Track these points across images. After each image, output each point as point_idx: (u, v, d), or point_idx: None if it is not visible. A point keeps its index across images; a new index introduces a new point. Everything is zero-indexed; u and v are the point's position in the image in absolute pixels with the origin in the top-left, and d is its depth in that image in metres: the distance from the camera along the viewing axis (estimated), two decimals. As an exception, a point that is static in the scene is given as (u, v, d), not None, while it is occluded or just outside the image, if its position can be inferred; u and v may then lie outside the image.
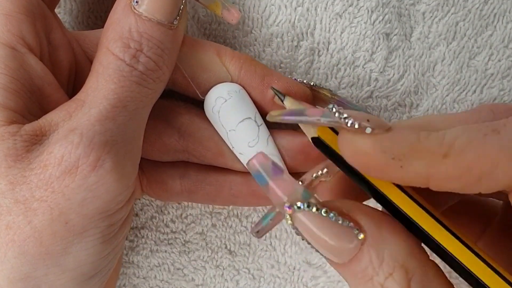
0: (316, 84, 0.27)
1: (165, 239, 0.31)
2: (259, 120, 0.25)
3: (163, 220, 0.31)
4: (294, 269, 0.32)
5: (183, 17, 0.23)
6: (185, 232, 0.31)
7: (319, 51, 0.29)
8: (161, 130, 0.26)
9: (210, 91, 0.25)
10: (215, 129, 0.26)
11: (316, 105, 0.27)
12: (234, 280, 0.32)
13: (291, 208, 0.18)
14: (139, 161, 0.23)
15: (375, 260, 0.18)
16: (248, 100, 0.25)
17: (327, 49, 0.28)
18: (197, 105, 0.27)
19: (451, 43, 0.29)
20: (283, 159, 0.26)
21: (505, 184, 0.17)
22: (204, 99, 0.26)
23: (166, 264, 0.32)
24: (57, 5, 0.26)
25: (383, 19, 0.28)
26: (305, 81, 0.27)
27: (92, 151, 0.20)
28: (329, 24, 0.28)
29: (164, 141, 0.26)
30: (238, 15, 0.25)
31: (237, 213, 0.31)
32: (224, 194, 0.27)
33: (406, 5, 0.29)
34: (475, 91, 0.30)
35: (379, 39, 0.28)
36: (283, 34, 0.28)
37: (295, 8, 0.28)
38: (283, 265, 0.32)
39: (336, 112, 0.18)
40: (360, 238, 0.18)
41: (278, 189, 0.19)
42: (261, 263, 0.32)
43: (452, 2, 0.28)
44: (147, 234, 0.31)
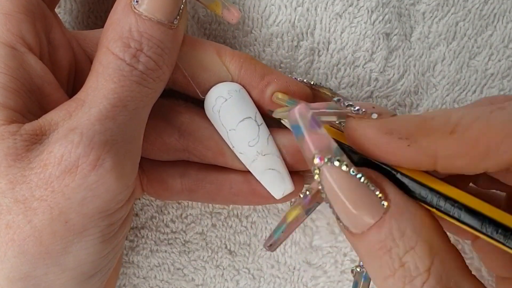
0: (316, 83, 0.27)
1: (165, 239, 0.31)
2: (259, 119, 0.25)
3: (163, 220, 0.31)
4: (294, 269, 0.32)
5: (183, 17, 0.23)
6: (185, 232, 0.31)
7: (319, 51, 0.29)
8: (161, 129, 0.26)
9: (211, 91, 0.25)
10: (215, 128, 0.26)
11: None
12: (234, 280, 0.32)
13: (321, 160, 0.18)
14: (139, 160, 0.23)
15: (396, 232, 0.17)
16: (248, 99, 0.25)
17: (327, 49, 0.28)
18: (197, 105, 0.27)
19: (451, 43, 0.29)
20: (283, 158, 0.26)
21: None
22: (204, 98, 0.26)
23: (166, 264, 0.32)
24: (57, 4, 0.26)
25: (383, 19, 0.28)
26: (305, 80, 0.27)
27: (92, 150, 0.20)
28: (329, 24, 0.28)
29: (164, 140, 0.26)
30: (238, 15, 0.25)
31: (237, 213, 0.31)
32: (225, 193, 0.27)
33: (406, 5, 0.29)
34: (475, 91, 0.30)
35: (379, 39, 0.28)
36: (283, 34, 0.28)
37: (295, 8, 0.28)
38: (283, 265, 0.32)
39: (342, 102, 0.19)
40: (384, 206, 0.18)
41: (312, 141, 0.18)
42: (261, 263, 0.32)
43: (452, 2, 0.28)
44: (147, 234, 0.31)
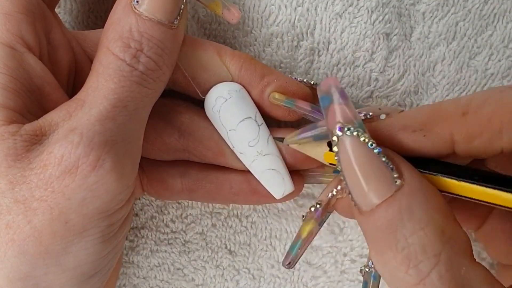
0: (316, 84, 0.27)
1: (165, 239, 0.31)
2: (260, 119, 0.25)
3: (163, 220, 0.31)
4: (294, 269, 0.32)
5: (183, 17, 0.23)
6: (185, 232, 0.31)
7: (319, 51, 0.29)
8: (161, 129, 0.26)
9: (211, 91, 0.25)
10: (215, 128, 0.26)
11: (317, 104, 0.27)
12: (234, 280, 0.32)
13: (341, 130, 0.18)
14: (139, 160, 0.23)
15: (405, 212, 0.17)
16: (249, 99, 0.25)
17: (327, 49, 0.28)
18: (197, 105, 0.27)
19: (451, 43, 0.29)
20: (283, 158, 0.26)
21: None
22: (204, 98, 0.26)
23: (166, 264, 0.32)
24: (57, 5, 0.26)
25: (383, 19, 0.28)
26: (305, 80, 0.27)
27: (92, 151, 0.20)
28: (329, 24, 0.28)
29: (164, 140, 0.26)
30: (238, 15, 0.25)
31: (237, 213, 0.31)
32: (225, 192, 0.27)
33: (406, 5, 0.29)
34: (475, 91, 0.30)
35: (379, 39, 0.28)
36: (283, 34, 0.28)
37: (295, 8, 0.28)
38: (283, 265, 0.32)
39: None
40: (397, 183, 0.17)
41: (340, 111, 0.19)
42: (261, 263, 0.32)
43: (452, 2, 0.28)
44: (147, 234, 0.31)
